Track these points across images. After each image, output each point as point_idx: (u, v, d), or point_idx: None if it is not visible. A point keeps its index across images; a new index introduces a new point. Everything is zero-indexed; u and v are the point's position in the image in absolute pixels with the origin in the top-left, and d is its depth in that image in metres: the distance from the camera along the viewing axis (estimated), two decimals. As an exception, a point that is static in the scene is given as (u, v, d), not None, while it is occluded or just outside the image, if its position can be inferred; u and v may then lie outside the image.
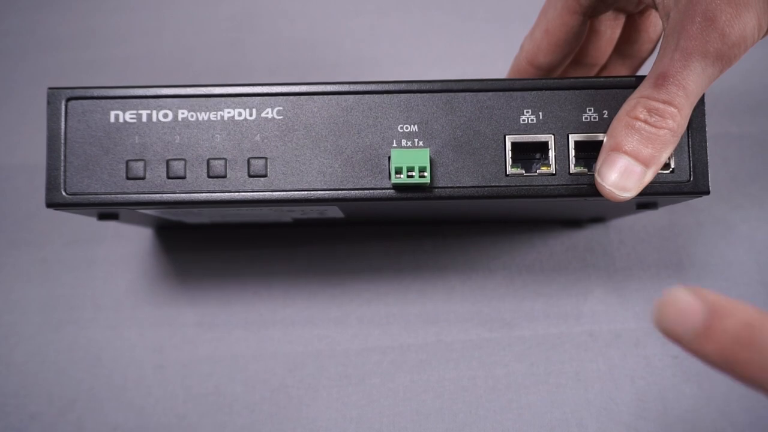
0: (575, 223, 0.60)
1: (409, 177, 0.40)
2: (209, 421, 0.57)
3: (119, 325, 0.59)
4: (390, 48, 0.64)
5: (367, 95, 0.42)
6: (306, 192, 0.41)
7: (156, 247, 0.60)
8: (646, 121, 0.39)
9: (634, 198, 0.41)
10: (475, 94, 0.42)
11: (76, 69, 0.65)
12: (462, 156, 0.41)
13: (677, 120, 0.39)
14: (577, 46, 0.49)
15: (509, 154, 0.41)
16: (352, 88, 0.42)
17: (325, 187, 0.41)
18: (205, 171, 0.42)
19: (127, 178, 0.42)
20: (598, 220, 0.59)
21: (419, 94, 0.42)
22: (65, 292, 0.60)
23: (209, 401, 0.57)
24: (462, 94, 0.42)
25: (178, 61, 0.65)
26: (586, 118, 0.41)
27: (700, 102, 0.41)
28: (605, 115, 0.42)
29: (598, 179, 0.40)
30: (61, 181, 0.42)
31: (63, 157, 0.42)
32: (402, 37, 0.65)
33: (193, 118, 0.42)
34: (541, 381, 0.57)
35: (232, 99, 0.42)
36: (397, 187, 0.41)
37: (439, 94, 0.42)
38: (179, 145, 0.42)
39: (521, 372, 0.58)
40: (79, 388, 0.58)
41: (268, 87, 0.42)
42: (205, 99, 0.42)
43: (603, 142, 0.41)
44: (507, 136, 0.41)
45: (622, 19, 0.51)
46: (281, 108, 0.42)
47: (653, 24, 0.51)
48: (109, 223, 0.59)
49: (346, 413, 0.57)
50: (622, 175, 0.39)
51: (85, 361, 0.59)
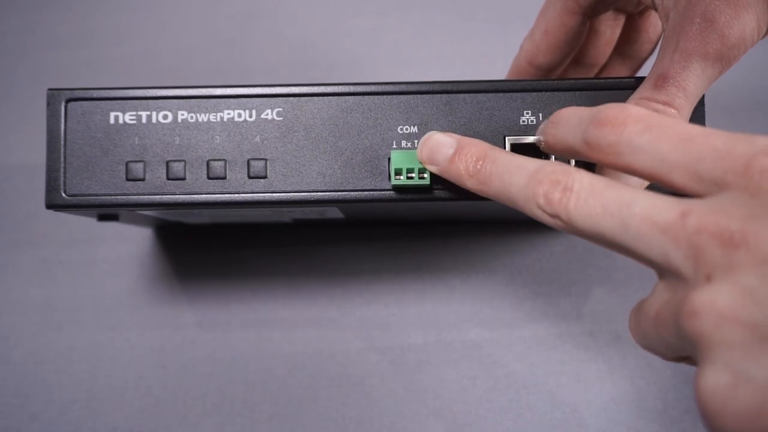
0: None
1: (408, 178, 0.40)
2: (209, 421, 0.57)
3: (119, 326, 0.59)
4: (390, 48, 0.64)
5: (366, 96, 0.42)
6: (306, 193, 0.41)
7: (156, 247, 0.60)
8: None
9: None
10: (474, 95, 0.42)
11: (76, 69, 0.65)
12: None
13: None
14: (576, 46, 0.49)
15: (509, 156, 0.41)
16: (351, 89, 0.42)
17: (325, 188, 0.41)
18: (205, 172, 0.41)
19: (127, 180, 0.42)
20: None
21: (419, 95, 0.42)
22: (65, 292, 0.60)
23: (209, 401, 0.57)
24: (462, 95, 0.42)
25: (178, 61, 0.65)
26: None
27: (700, 103, 0.41)
28: (605, 117, 0.41)
29: None
30: (61, 182, 0.41)
31: (63, 159, 0.42)
32: (402, 37, 0.65)
33: (193, 120, 0.42)
34: (540, 381, 0.57)
35: (231, 100, 0.42)
36: (396, 188, 0.41)
37: (438, 95, 0.42)
38: (179, 147, 0.42)
39: (521, 372, 0.58)
40: (79, 388, 0.58)
41: (267, 88, 0.42)
42: (204, 100, 0.42)
43: None
44: (507, 138, 0.41)
45: (621, 20, 0.51)
46: (281, 109, 0.42)
47: (653, 24, 0.51)
48: (109, 224, 0.59)
49: (346, 413, 0.57)
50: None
51: (85, 361, 0.59)
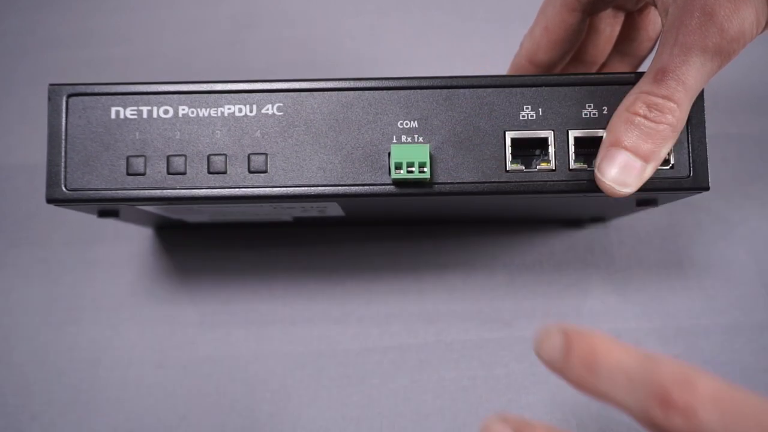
0: (575, 222, 0.60)
1: (409, 172, 0.40)
2: (209, 421, 0.57)
3: (119, 325, 0.59)
4: (390, 48, 0.65)
5: (367, 91, 0.42)
6: (306, 188, 0.42)
7: (156, 246, 0.60)
8: (645, 117, 0.39)
9: (634, 194, 0.41)
10: (474, 90, 0.42)
11: (76, 68, 0.65)
12: (462, 152, 0.41)
13: (677, 115, 0.39)
14: (576, 43, 0.50)
15: (509, 150, 0.41)
16: (352, 84, 0.42)
17: (325, 182, 0.42)
18: (206, 167, 0.42)
19: (128, 174, 0.42)
20: (598, 219, 0.59)
21: (419, 90, 0.42)
22: (65, 292, 0.60)
23: (209, 401, 0.57)
24: (462, 90, 0.42)
25: (178, 61, 0.65)
26: (586, 114, 0.41)
27: (700, 97, 0.41)
28: (605, 112, 0.42)
29: (598, 175, 0.40)
30: (62, 176, 0.42)
31: (63, 153, 0.42)
32: (402, 37, 0.65)
33: (194, 114, 0.42)
34: (541, 381, 0.57)
35: (232, 95, 0.42)
36: (397, 182, 0.41)
37: (439, 90, 0.42)
38: (180, 141, 0.42)
39: (521, 372, 0.58)
40: (79, 388, 0.58)
41: (268, 83, 0.42)
42: (205, 95, 0.42)
43: (603, 137, 0.41)
44: (507, 132, 0.41)
45: (621, 17, 0.51)
46: (281, 104, 0.42)
47: (652, 22, 0.51)
48: (110, 223, 0.59)
49: (346, 413, 0.57)
50: (621, 171, 0.39)
51: (85, 361, 0.58)
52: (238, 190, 0.42)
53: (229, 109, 0.42)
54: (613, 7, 0.50)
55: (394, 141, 0.41)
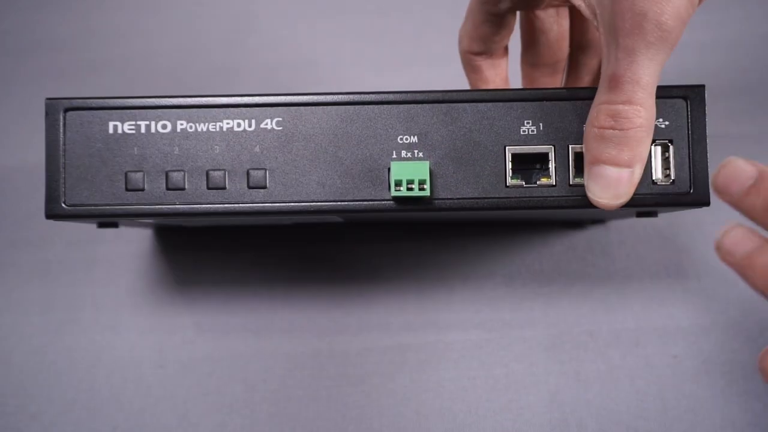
0: (575, 224, 0.60)
1: (408, 190, 0.40)
2: (209, 421, 0.57)
3: (119, 326, 0.59)
4: (390, 48, 0.64)
5: (366, 106, 0.42)
6: (306, 204, 0.41)
7: (156, 248, 0.60)
8: (612, 127, 0.38)
9: (633, 207, 0.41)
10: (475, 104, 0.41)
11: (76, 70, 0.64)
12: (462, 167, 0.41)
13: (643, 115, 0.38)
14: (507, 34, 0.50)
15: (509, 165, 0.41)
16: (351, 98, 0.42)
17: (324, 198, 0.41)
18: (205, 182, 0.41)
19: (127, 190, 0.41)
20: (599, 221, 0.59)
21: (419, 105, 0.41)
22: (65, 293, 0.60)
23: (209, 401, 0.58)
24: (462, 104, 0.41)
25: (178, 62, 0.64)
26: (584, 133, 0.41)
27: (701, 114, 0.41)
28: (606, 126, 0.41)
29: (589, 194, 0.40)
30: (61, 192, 0.41)
31: (62, 169, 0.41)
32: (402, 37, 0.64)
33: (192, 129, 0.42)
34: (541, 381, 0.57)
35: (231, 110, 0.42)
36: (397, 199, 0.41)
37: (439, 104, 0.41)
38: (178, 157, 0.41)
39: (521, 372, 0.58)
40: (79, 388, 0.58)
41: (267, 97, 0.42)
42: (204, 110, 0.42)
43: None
44: (507, 147, 0.41)
45: (565, 13, 0.51)
46: (280, 119, 0.42)
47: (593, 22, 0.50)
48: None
49: (346, 413, 0.57)
50: (610, 186, 0.39)
51: (85, 361, 0.59)
52: (237, 205, 0.41)
53: (228, 123, 0.42)
54: (552, 6, 0.50)
55: (394, 156, 0.41)
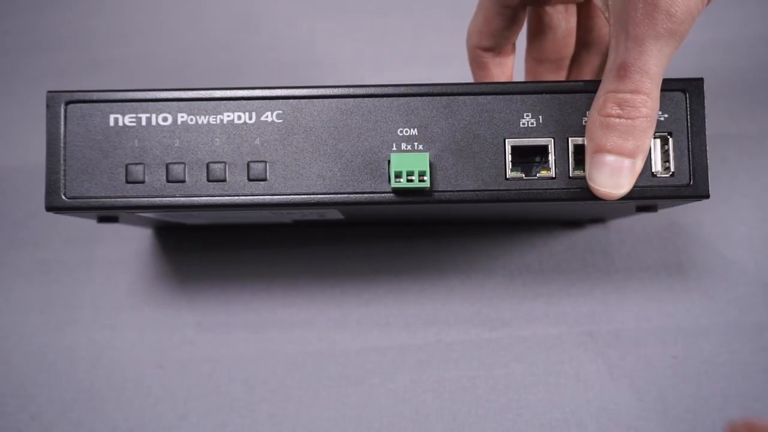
0: (575, 223, 0.60)
1: (408, 181, 0.40)
2: (209, 421, 0.57)
3: (119, 326, 0.59)
4: (390, 48, 0.64)
5: (366, 98, 0.42)
6: (306, 196, 0.41)
7: (156, 247, 0.60)
8: (619, 116, 0.38)
9: (632, 200, 0.41)
10: (475, 97, 0.42)
11: (76, 69, 0.64)
12: (462, 159, 0.41)
13: (649, 105, 0.38)
14: (518, 30, 0.50)
15: (509, 158, 0.41)
16: (351, 91, 0.42)
17: (324, 191, 0.41)
18: (205, 174, 0.41)
19: (127, 182, 0.41)
20: (598, 220, 0.59)
21: (419, 98, 0.42)
22: (65, 292, 0.60)
23: (209, 401, 0.58)
24: (462, 97, 0.42)
25: (178, 62, 0.65)
26: (586, 122, 0.41)
27: (700, 107, 0.41)
28: (606, 119, 0.41)
29: (591, 184, 0.40)
30: (61, 184, 0.41)
31: (62, 161, 0.41)
32: (402, 37, 0.65)
33: (193, 122, 0.42)
34: (540, 381, 0.57)
35: (231, 102, 0.42)
36: (396, 191, 0.41)
37: (438, 97, 0.42)
38: (179, 149, 0.42)
39: (521, 372, 0.58)
40: (79, 388, 0.58)
41: (267, 90, 0.42)
42: (204, 102, 0.42)
43: (585, 146, 0.40)
44: (507, 140, 0.41)
45: (573, 10, 0.51)
46: (281, 111, 0.42)
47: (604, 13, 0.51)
48: (109, 224, 0.59)
49: (346, 413, 0.57)
50: (612, 174, 0.39)
51: (85, 361, 0.59)
52: (237, 198, 0.41)
53: (229, 116, 0.42)
54: (561, 2, 0.50)
55: (394, 149, 0.41)
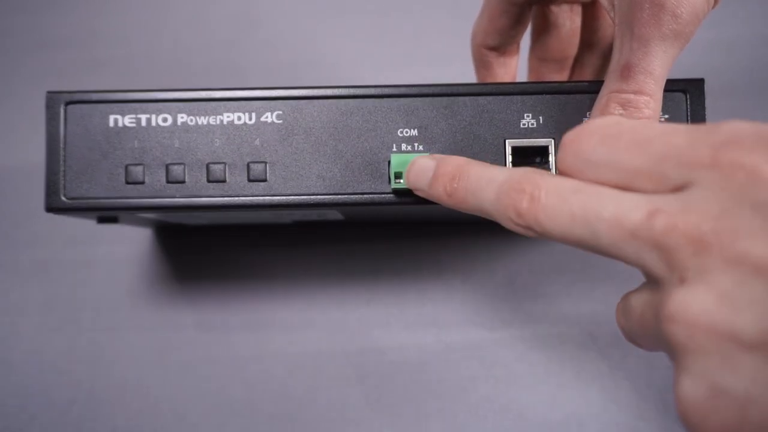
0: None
1: None
2: (209, 422, 0.57)
3: (119, 326, 0.59)
4: (390, 48, 0.64)
5: (366, 99, 0.42)
6: (306, 197, 0.41)
7: (155, 248, 0.60)
8: (622, 116, 0.39)
9: None
10: (475, 98, 0.42)
11: (76, 69, 0.64)
12: None
13: (652, 106, 0.38)
14: (523, 29, 0.50)
15: (509, 159, 0.41)
16: (352, 92, 0.42)
17: (324, 191, 0.41)
18: (205, 175, 0.41)
19: (127, 183, 0.41)
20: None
21: (419, 98, 0.42)
22: (65, 293, 0.60)
23: (209, 401, 0.58)
24: (462, 98, 0.42)
25: (178, 62, 0.65)
26: None
27: (701, 108, 0.41)
28: (606, 120, 0.41)
29: None
30: (61, 185, 0.41)
31: (62, 162, 0.41)
32: (402, 37, 0.65)
33: (193, 123, 0.42)
34: (541, 381, 0.57)
35: (231, 103, 0.42)
36: (397, 191, 0.41)
37: (439, 98, 0.42)
38: (179, 150, 0.42)
39: (521, 372, 0.58)
40: (79, 389, 0.58)
41: (267, 91, 0.42)
42: (204, 103, 0.42)
43: None
44: (507, 141, 0.41)
45: (578, 10, 0.51)
46: (281, 112, 0.42)
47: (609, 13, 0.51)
48: (109, 225, 0.59)
49: (345, 413, 0.57)
50: None
51: (85, 362, 0.59)
52: (237, 198, 0.41)
53: (228, 117, 0.42)
54: (567, 2, 0.50)
55: (394, 149, 0.41)
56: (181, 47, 0.65)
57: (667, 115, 0.41)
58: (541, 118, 0.41)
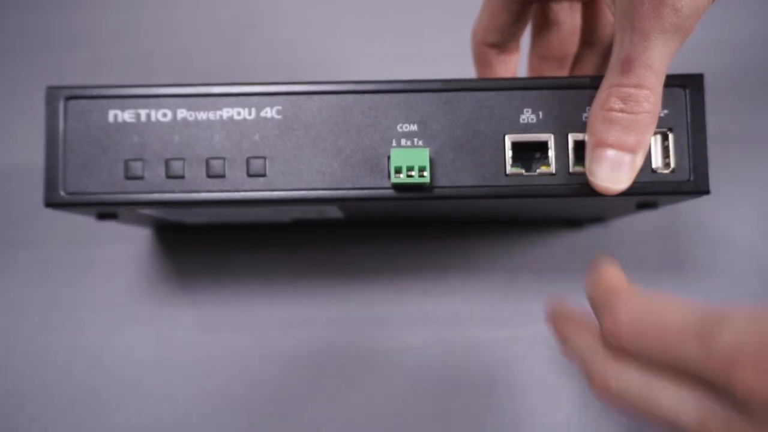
0: (575, 223, 0.60)
1: (408, 176, 0.40)
2: (209, 421, 0.57)
3: (118, 326, 0.59)
4: (390, 48, 0.64)
5: (366, 95, 0.42)
6: (305, 192, 0.41)
7: (155, 247, 0.60)
8: (622, 110, 0.39)
9: (632, 196, 0.41)
10: (474, 93, 0.42)
11: (76, 69, 0.64)
12: (462, 155, 0.41)
13: (651, 100, 0.38)
14: (524, 26, 0.50)
15: (509, 154, 0.41)
16: (351, 87, 0.42)
17: (324, 186, 0.41)
18: (204, 170, 0.41)
19: (126, 178, 0.41)
20: (598, 219, 0.59)
21: (419, 94, 0.42)
22: (64, 293, 0.60)
23: (209, 401, 0.57)
24: (462, 93, 0.42)
25: (178, 61, 0.65)
26: (586, 118, 0.41)
27: (700, 102, 0.41)
28: (605, 115, 0.41)
29: (591, 178, 0.40)
30: (60, 180, 0.41)
31: (62, 157, 0.41)
32: (402, 37, 0.65)
33: (192, 118, 0.42)
34: (541, 381, 0.57)
35: (231, 98, 0.42)
36: (396, 186, 0.41)
37: (438, 93, 0.42)
38: (178, 145, 0.42)
39: (521, 372, 0.58)
40: (79, 388, 0.58)
41: (267, 86, 0.42)
42: (204, 98, 0.42)
43: (585, 140, 0.40)
44: (507, 136, 0.41)
45: (578, 7, 0.51)
46: (280, 107, 0.42)
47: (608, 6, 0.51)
48: (108, 224, 0.59)
49: (345, 413, 0.57)
50: (612, 169, 0.39)
51: (85, 362, 0.58)
52: (236, 193, 0.41)
53: (228, 112, 0.42)
54: None
55: (394, 144, 0.41)
56: (182, 47, 0.65)
57: (666, 110, 0.41)
58: (540, 113, 0.41)
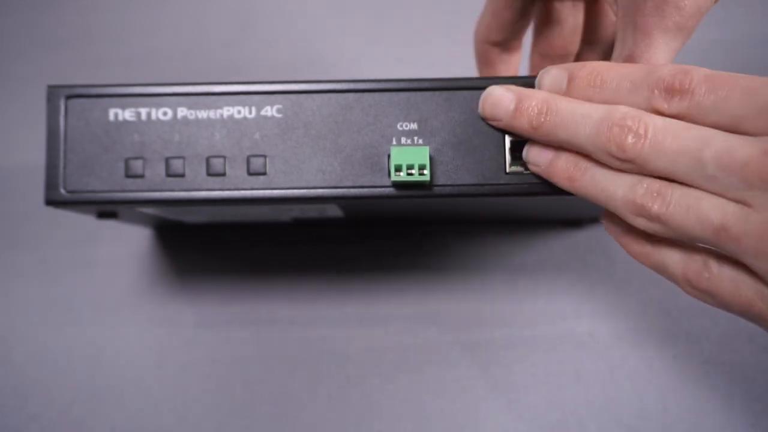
0: (575, 223, 0.60)
1: (408, 175, 0.40)
2: (209, 422, 0.57)
3: (118, 326, 0.59)
4: (390, 48, 0.64)
5: (366, 93, 0.42)
6: (305, 190, 0.41)
7: (155, 247, 0.60)
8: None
9: None
10: (474, 91, 0.42)
11: (76, 68, 0.65)
12: (462, 154, 0.41)
13: None
14: (527, 24, 0.50)
15: (509, 152, 0.41)
16: (351, 86, 0.42)
17: (324, 185, 0.41)
18: (205, 169, 0.41)
19: (126, 176, 0.41)
20: (598, 220, 0.59)
21: (419, 92, 0.42)
22: (64, 293, 0.60)
23: (209, 401, 0.57)
24: (461, 91, 0.42)
25: (178, 61, 0.65)
26: None
27: None
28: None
29: None
30: (61, 179, 0.41)
31: (62, 155, 0.41)
32: (402, 37, 0.65)
33: (193, 117, 0.42)
34: (541, 381, 0.57)
35: (231, 97, 0.42)
36: (396, 185, 0.41)
37: (438, 92, 0.42)
38: (178, 144, 0.42)
39: (521, 372, 0.58)
40: (79, 388, 0.58)
41: (267, 85, 0.42)
42: (204, 97, 0.42)
43: None
44: (506, 134, 0.41)
45: (581, 6, 0.51)
46: (281, 106, 0.42)
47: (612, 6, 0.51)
48: (108, 224, 0.59)
49: (346, 413, 0.57)
50: None
51: (85, 361, 0.58)
52: (236, 192, 0.41)
53: (228, 110, 0.42)
54: None
55: (394, 143, 0.41)
56: (182, 47, 0.65)
57: None
58: None
